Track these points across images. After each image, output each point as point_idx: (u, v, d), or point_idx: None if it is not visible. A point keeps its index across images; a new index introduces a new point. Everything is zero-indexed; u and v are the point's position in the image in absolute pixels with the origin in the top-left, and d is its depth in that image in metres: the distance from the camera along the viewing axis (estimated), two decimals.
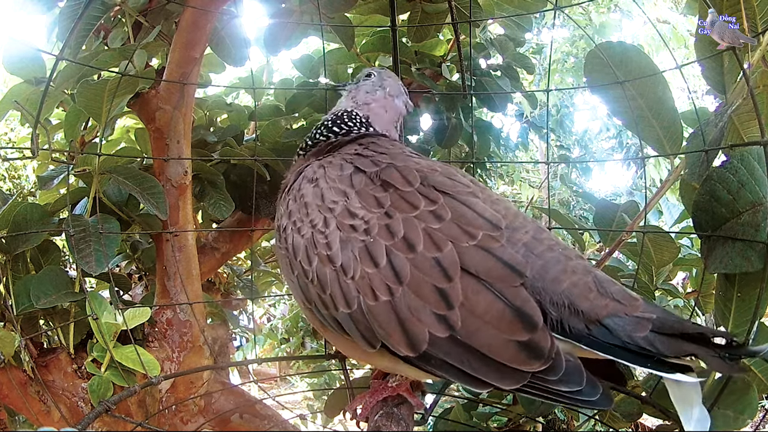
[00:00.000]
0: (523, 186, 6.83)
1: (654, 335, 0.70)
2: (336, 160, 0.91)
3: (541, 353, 0.70)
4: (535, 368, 0.70)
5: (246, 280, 2.21)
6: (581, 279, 0.76)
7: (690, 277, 1.73)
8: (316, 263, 0.81)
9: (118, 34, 1.54)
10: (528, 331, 0.71)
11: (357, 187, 0.84)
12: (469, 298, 0.72)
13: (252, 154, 1.58)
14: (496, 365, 0.71)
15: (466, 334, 0.72)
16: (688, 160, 1.09)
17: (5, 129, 3.15)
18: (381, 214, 0.79)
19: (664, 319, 0.72)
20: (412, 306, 0.73)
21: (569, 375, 0.70)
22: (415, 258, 0.75)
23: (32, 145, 1.05)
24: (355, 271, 0.77)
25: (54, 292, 1.29)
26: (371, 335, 0.76)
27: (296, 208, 0.87)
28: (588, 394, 0.70)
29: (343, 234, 0.79)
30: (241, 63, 1.59)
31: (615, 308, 0.73)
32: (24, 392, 1.34)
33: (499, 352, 0.71)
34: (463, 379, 0.73)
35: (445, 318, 0.72)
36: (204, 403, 1.52)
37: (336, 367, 1.76)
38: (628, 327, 0.71)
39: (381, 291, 0.75)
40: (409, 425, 0.89)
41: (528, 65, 1.86)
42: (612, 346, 0.71)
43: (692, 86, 2.20)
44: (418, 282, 0.74)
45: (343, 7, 1.48)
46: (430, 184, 0.82)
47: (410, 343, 0.73)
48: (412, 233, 0.76)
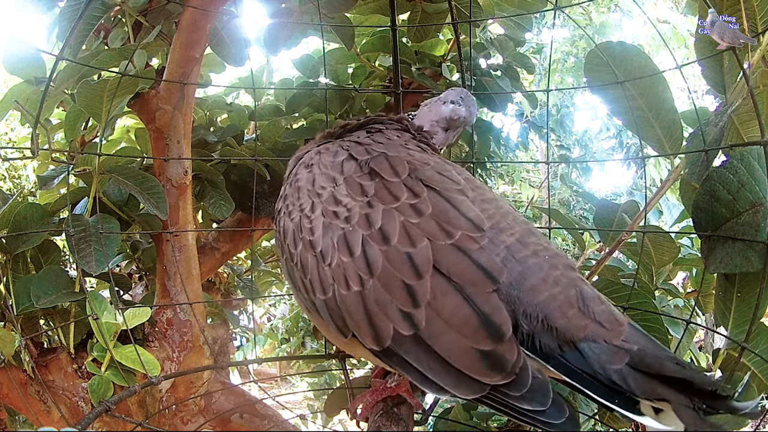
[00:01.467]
0: (524, 186, 6.84)
1: (629, 370, 0.63)
2: (333, 146, 0.90)
3: (503, 366, 0.65)
4: (495, 381, 0.65)
5: (246, 280, 2.21)
6: (562, 292, 0.70)
7: (690, 277, 1.73)
8: (300, 247, 0.80)
9: (118, 34, 1.54)
10: (493, 341, 0.66)
11: (346, 174, 0.82)
12: (437, 298, 0.69)
13: (252, 154, 1.58)
14: (454, 372, 0.67)
15: (429, 335, 0.68)
16: (688, 160, 1.09)
17: (5, 129, 3.15)
18: (363, 203, 0.77)
19: (646, 352, 0.64)
20: (380, 299, 0.71)
21: (534, 393, 0.65)
22: (389, 251, 0.72)
23: (32, 145, 1.05)
24: (332, 258, 0.75)
25: (54, 291, 1.29)
26: (343, 324, 0.75)
27: (290, 192, 0.87)
28: (552, 416, 0.64)
29: (326, 220, 0.78)
30: (241, 63, 1.59)
31: (594, 332, 0.67)
32: (24, 392, 1.34)
33: (459, 358, 0.67)
34: (420, 380, 0.69)
35: (410, 316, 0.69)
36: (204, 403, 1.52)
37: (336, 367, 1.77)
38: (604, 356, 0.65)
39: (353, 281, 0.73)
40: (409, 425, 0.89)
41: (528, 65, 1.86)
42: (581, 373, 0.65)
43: (692, 86, 2.20)
44: (388, 276, 0.71)
45: (343, 7, 1.48)
46: (417, 177, 0.80)
47: (376, 336, 0.71)
48: (389, 225, 0.74)
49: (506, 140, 3.29)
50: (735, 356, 0.96)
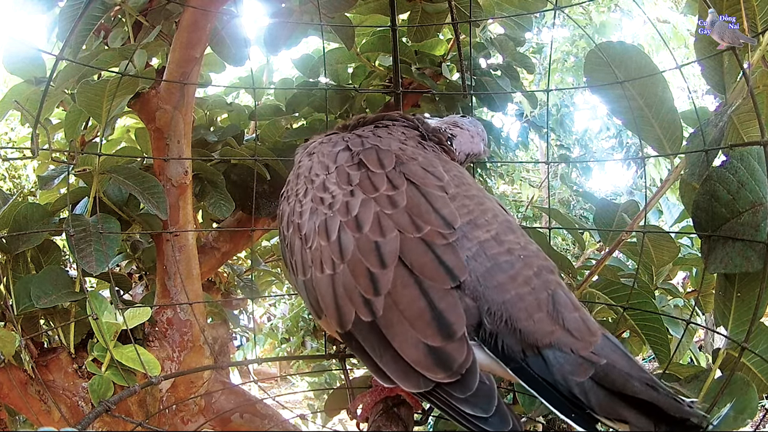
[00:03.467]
0: (524, 185, 6.84)
1: (592, 384, 0.60)
2: (336, 137, 0.94)
3: (449, 365, 0.64)
4: (438, 378, 0.64)
5: (246, 280, 2.22)
6: (532, 293, 0.68)
7: (690, 277, 1.73)
8: (291, 230, 0.84)
9: (118, 33, 1.54)
10: (442, 338, 0.65)
11: (338, 163, 0.85)
12: (397, 288, 0.70)
13: (252, 153, 1.58)
14: (403, 363, 0.67)
15: (385, 324, 0.69)
16: (688, 160, 1.09)
17: (5, 129, 3.15)
18: (347, 192, 0.80)
19: (614, 368, 0.60)
20: (346, 284, 0.73)
21: (478, 398, 0.63)
22: (360, 238, 0.74)
23: (32, 144, 1.05)
24: (312, 241, 0.79)
25: (54, 291, 1.29)
26: (317, 305, 0.78)
27: (292, 178, 0.91)
28: (493, 424, 0.62)
29: (314, 205, 0.82)
30: (241, 63, 1.59)
31: (560, 339, 0.64)
32: (24, 392, 1.34)
33: (409, 350, 0.67)
34: (372, 368, 0.70)
35: (370, 302, 0.70)
36: (204, 402, 1.53)
37: (336, 367, 1.77)
38: (567, 366, 0.62)
39: (327, 264, 0.76)
40: (409, 425, 0.89)
41: (528, 65, 1.86)
42: (541, 381, 0.63)
43: (692, 86, 2.20)
44: (356, 262, 0.73)
45: (343, 6, 1.48)
46: (401, 170, 0.81)
47: (339, 319, 0.73)
48: (365, 214, 0.76)
49: (506, 140, 3.29)
50: (735, 356, 0.96)
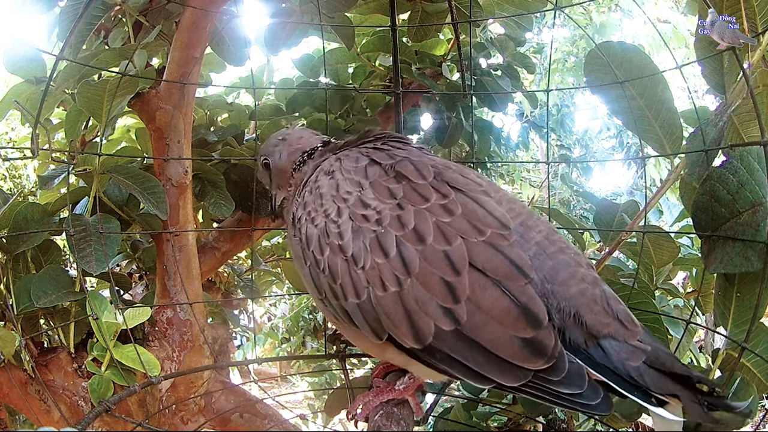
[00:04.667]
0: (524, 185, 6.82)
1: (645, 368, 0.70)
2: (353, 153, 0.92)
3: (544, 351, 0.70)
4: (537, 366, 0.70)
5: (246, 280, 2.22)
6: (589, 289, 0.76)
7: (690, 277, 1.73)
8: (327, 253, 0.81)
9: (118, 33, 1.54)
10: (533, 328, 0.71)
11: (371, 178, 0.84)
12: (475, 292, 0.73)
13: (252, 153, 1.58)
14: (498, 361, 0.71)
15: (471, 329, 0.72)
16: (688, 160, 1.09)
17: (5, 129, 3.15)
18: (393, 205, 0.79)
19: (657, 353, 0.71)
20: (419, 298, 0.74)
21: (571, 377, 0.70)
22: (425, 250, 0.75)
23: (32, 144, 1.05)
24: (365, 261, 0.77)
25: (54, 291, 1.29)
26: (378, 326, 0.77)
27: (312, 199, 0.87)
28: (588, 397, 0.70)
29: (355, 224, 0.80)
30: (242, 63, 1.59)
31: (616, 330, 0.73)
32: (24, 391, 1.34)
33: (503, 347, 0.71)
34: (466, 374, 0.73)
35: (451, 311, 0.72)
36: (204, 402, 1.53)
37: (336, 367, 1.77)
38: (623, 353, 0.71)
39: (390, 282, 0.75)
40: (409, 425, 0.89)
41: (528, 65, 1.86)
42: (603, 366, 0.71)
43: (692, 86, 2.20)
44: (427, 274, 0.74)
45: (343, 6, 1.48)
46: (443, 179, 0.83)
47: (416, 335, 0.74)
48: (423, 225, 0.77)
49: (506, 140, 3.29)
50: (735, 356, 0.96)
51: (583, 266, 0.79)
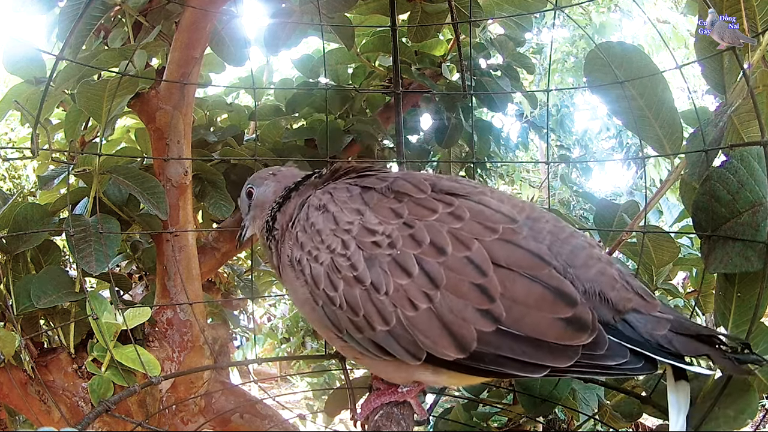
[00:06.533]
0: (524, 186, 6.82)
1: (672, 335, 0.74)
2: (340, 185, 0.90)
3: (585, 325, 0.73)
4: (583, 340, 0.72)
5: (246, 280, 2.22)
6: (607, 268, 0.79)
7: (690, 277, 1.73)
8: (342, 287, 0.80)
9: (118, 34, 1.54)
10: (570, 307, 0.73)
11: (370, 203, 0.83)
12: (507, 288, 0.74)
13: (252, 153, 1.58)
14: (547, 346, 0.73)
15: (512, 323, 0.73)
16: (688, 160, 1.09)
17: (5, 129, 3.15)
18: (401, 225, 0.79)
19: (680, 320, 0.76)
20: (453, 307, 0.74)
21: (613, 349, 0.73)
22: (447, 260, 0.76)
23: (32, 145, 1.05)
24: (387, 286, 0.77)
25: (54, 292, 1.29)
26: (415, 348, 0.76)
27: (308, 238, 0.84)
28: (633, 363, 0.73)
29: (366, 252, 0.79)
30: (241, 63, 1.59)
31: (638, 304, 0.77)
32: (24, 392, 1.34)
33: (548, 331, 0.73)
34: (519, 367, 0.74)
35: (488, 312, 0.74)
36: (204, 402, 1.52)
37: (336, 367, 1.77)
38: (649, 324, 0.75)
39: (419, 300, 0.75)
40: (409, 425, 0.89)
41: (528, 65, 1.86)
42: (633, 339, 0.75)
43: (692, 86, 2.20)
44: (456, 283, 0.75)
45: (343, 7, 1.48)
46: (441, 189, 0.84)
47: (459, 344, 0.74)
48: (439, 237, 0.77)
49: (506, 140, 3.29)
50: None
51: (596, 247, 0.82)
